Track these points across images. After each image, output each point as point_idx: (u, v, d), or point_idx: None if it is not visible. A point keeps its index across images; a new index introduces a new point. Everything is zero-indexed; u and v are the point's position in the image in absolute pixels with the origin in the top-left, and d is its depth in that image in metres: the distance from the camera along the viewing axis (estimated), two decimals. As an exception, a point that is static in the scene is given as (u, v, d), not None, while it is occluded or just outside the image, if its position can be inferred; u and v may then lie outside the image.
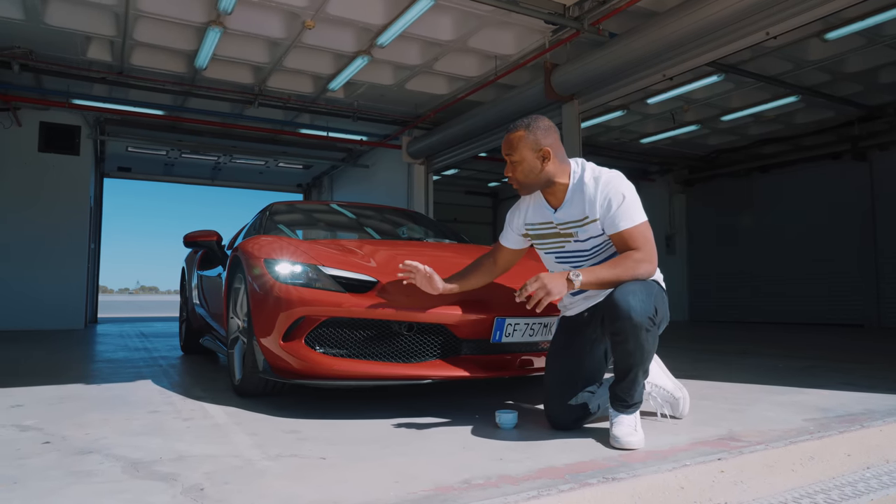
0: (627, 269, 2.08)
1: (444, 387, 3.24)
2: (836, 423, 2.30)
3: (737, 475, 1.73)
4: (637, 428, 2.05)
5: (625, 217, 2.12)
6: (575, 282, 2.03)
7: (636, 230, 2.13)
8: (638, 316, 1.98)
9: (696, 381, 3.50)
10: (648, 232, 2.16)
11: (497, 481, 1.61)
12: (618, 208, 2.13)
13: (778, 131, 9.81)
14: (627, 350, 2.03)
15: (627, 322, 1.98)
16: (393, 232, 4.30)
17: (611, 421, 2.11)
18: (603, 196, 2.16)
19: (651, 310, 2.02)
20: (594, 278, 2.06)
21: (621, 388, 2.12)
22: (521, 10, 5.64)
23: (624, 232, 2.13)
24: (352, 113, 8.86)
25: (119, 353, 5.33)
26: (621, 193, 2.15)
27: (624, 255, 2.12)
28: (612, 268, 2.09)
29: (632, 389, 2.11)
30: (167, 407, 2.74)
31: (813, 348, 5.72)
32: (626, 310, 1.98)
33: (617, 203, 2.13)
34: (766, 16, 4.71)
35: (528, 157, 2.23)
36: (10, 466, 1.78)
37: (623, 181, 2.21)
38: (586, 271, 2.06)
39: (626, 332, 2.00)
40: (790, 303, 10.37)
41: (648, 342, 2.03)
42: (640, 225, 2.14)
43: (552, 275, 2.05)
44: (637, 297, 2.00)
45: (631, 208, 2.14)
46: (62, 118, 8.78)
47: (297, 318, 2.48)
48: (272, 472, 1.72)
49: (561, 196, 2.27)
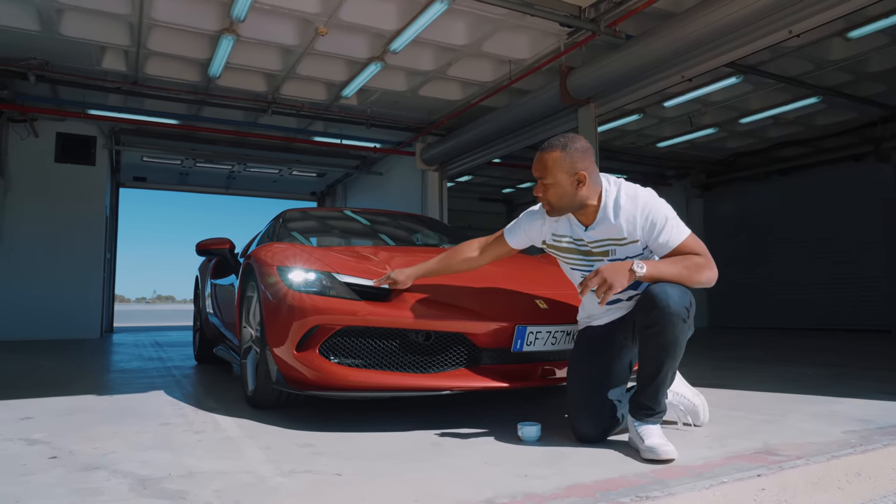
0: (691, 272, 2.01)
1: (464, 398, 3.14)
2: (878, 435, 2.17)
3: (779, 493, 1.62)
4: (666, 438, 1.96)
5: (673, 235, 2.07)
6: (638, 273, 1.94)
7: (688, 242, 2.08)
8: (676, 305, 1.92)
9: (722, 389, 3.38)
10: (700, 241, 2.12)
11: (522, 500, 1.51)
12: (662, 229, 2.07)
13: (798, 133, 9.62)
14: (660, 344, 1.96)
15: (665, 310, 1.92)
16: (408, 238, 4.23)
17: (635, 432, 2.02)
18: (644, 218, 2.09)
19: (688, 303, 1.97)
20: (657, 272, 1.98)
21: (647, 394, 2.03)
22: (536, 12, 5.56)
23: (678, 248, 2.07)
24: (365, 120, 8.83)
25: (133, 362, 5.29)
26: (664, 215, 2.09)
27: (686, 257, 2.05)
28: (675, 265, 2.01)
29: (658, 394, 2.03)
30: (178, 419, 2.67)
31: (839, 355, 5.55)
32: (664, 298, 1.93)
33: (661, 224, 2.07)
34: (789, 13, 4.60)
35: (563, 180, 2.12)
36: (15, 483, 1.71)
37: (659, 201, 2.15)
38: (650, 263, 1.98)
39: (662, 322, 1.93)
40: (812, 308, 10.14)
41: (682, 337, 1.97)
42: (690, 237, 2.10)
43: (612, 267, 1.97)
44: (675, 289, 1.97)
45: (676, 226, 2.09)
46: (78, 129, 8.83)
47: (310, 327, 2.40)
48: (285, 490, 1.63)
49: (592, 216, 2.18)
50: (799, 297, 10.35)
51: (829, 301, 9.91)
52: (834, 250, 9.88)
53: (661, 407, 2.05)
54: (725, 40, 5.06)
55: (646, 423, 2.02)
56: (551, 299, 2.60)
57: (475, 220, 13.55)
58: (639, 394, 2.06)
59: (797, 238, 10.45)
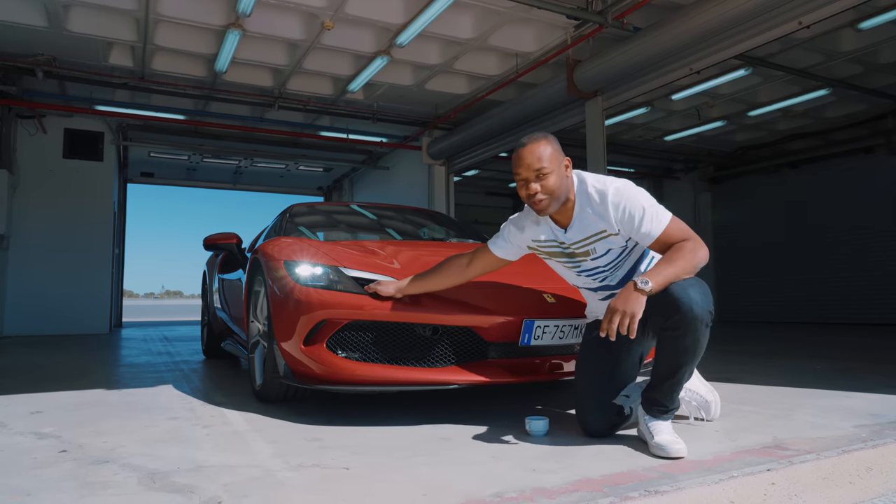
0: (688, 261, 1.97)
1: (471, 392, 3.14)
2: (889, 429, 2.15)
3: (790, 488, 1.61)
4: (676, 435, 1.95)
5: (654, 225, 2.03)
6: (646, 289, 1.88)
7: (671, 228, 2.04)
8: (700, 309, 1.90)
9: (731, 384, 3.36)
10: (682, 222, 2.08)
11: (531, 494, 1.51)
12: (642, 220, 2.03)
13: (807, 126, 9.53)
14: (682, 346, 1.94)
15: (689, 315, 1.89)
16: (414, 232, 4.22)
17: (645, 427, 2.00)
18: (618, 211, 2.06)
19: (711, 305, 1.95)
20: (663, 280, 1.93)
21: (662, 391, 2.01)
22: (543, 5, 5.52)
23: (661, 236, 2.03)
24: (371, 114, 8.82)
25: (141, 357, 5.32)
26: (640, 205, 2.04)
27: (676, 248, 2.01)
28: (672, 263, 1.97)
29: (673, 392, 2.02)
30: (187, 413, 2.68)
31: (849, 349, 5.51)
32: (688, 302, 1.90)
33: (639, 216, 2.03)
34: (798, 4, 4.55)
35: (557, 166, 2.11)
36: (25, 477, 1.72)
37: (633, 190, 2.10)
38: (652, 275, 1.91)
39: (685, 325, 1.90)
40: (823, 302, 10.08)
41: (703, 340, 1.95)
42: (672, 222, 2.05)
43: (621, 298, 1.89)
44: (697, 290, 1.93)
45: (656, 214, 2.04)
46: (86, 124, 8.87)
47: (318, 321, 2.40)
48: (293, 484, 1.64)
49: (569, 214, 2.16)
50: (809, 292, 10.29)
51: (840, 295, 9.84)
52: (845, 244, 9.80)
53: (674, 405, 2.04)
54: (734, 32, 5.02)
55: (657, 420, 2.00)
56: (559, 294, 2.59)
57: (481, 215, 13.52)
58: (653, 390, 2.05)
59: (807, 232, 10.37)
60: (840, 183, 9.90)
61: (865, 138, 9.37)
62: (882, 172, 9.34)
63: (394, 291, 2.40)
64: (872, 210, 9.47)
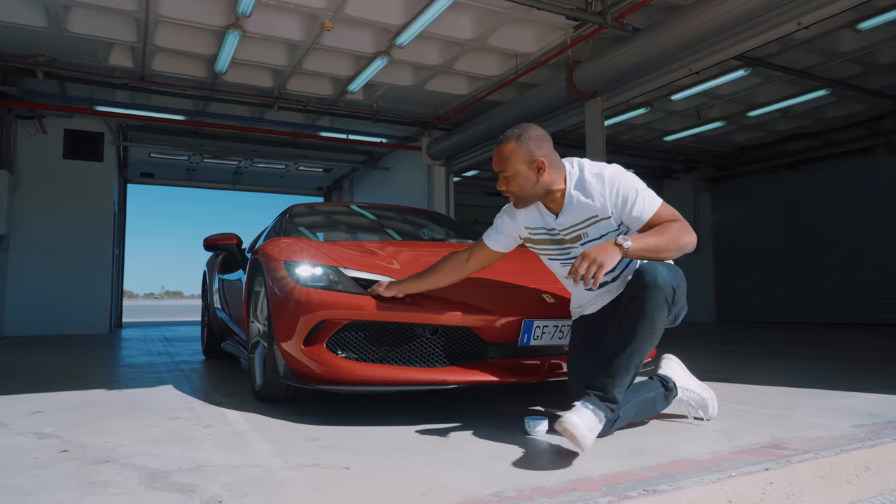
0: (674, 239, 2.00)
1: (471, 392, 3.15)
2: (888, 429, 2.16)
3: (788, 487, 1.61)
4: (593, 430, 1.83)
5: (646, 207, 2.08)
6: (624, 246, 1.91)
7: (661, 212, 2.09)
8: (663, 280, 1.93)
9: (730, 384, 3.36)
10: (672, 208, 2.12)
11: (530, 493, 1.51)
12: (634, 202, 2.08)
13: (806, 126, 9.55)
14: (638, 315, 1.94)
15: (651, 283, 1.92)
16: (414, 233, 4.23)
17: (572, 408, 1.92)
18: (613, 193, 2.10)
19: (676, 283, 1.98)
20: (643, 245, 1.95)
21: (608, 371, 1.94)
22: (542, 5, 5.53)
23: (652, 219, 2.08)
24: (371, 115, 8.83)
25: (142, 357, 5.33)
26: (633, 188, 2.09)
27: (664, 225, 2.03)
28: (658, 234, 2.00)
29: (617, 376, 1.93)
30: (187, 413, 2.69)
31: (849, 349, 5.52)
32: (653, 272, 1.94)
33: (632, 198, 2.08)
34: (798, 5, 4.57)
35: (523, 170, 2.14)
36: (26, 477, 1.73)
37: (627, 174, 2.15)
38: (635, 238, 1.96)
39: (643, 293, 1.93)
40: (822, 302, 10.09)
41: (658, 315, 1.93)
42: (662, 206, 2.10)
43: (599, 246, 1.93)
44: (666, 266, 1.99)
45: (647, 197, 2.09)
46: (86, 125, 8.88)
47: (318, 321, 2.41)
48: (293, 483, 1.64)
49: (561, 201, 2.19)
50: (808, 292, 10.30)
51: (839, 295, 9.86)
52: (844, 244, 9.81)
53: (611, 394, 1.92)
54: (733, 32, 5.03)
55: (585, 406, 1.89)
56: (558, 294, 2.60)
57: (481, 215, 13.51)
58: (600, 372, 1.98)
59: (806, 232, 10.38)
60: (839, 183, 9.91)
61: (864, 139, 9.39)
62: (881, 173, 9.36)
63: (395, 291, 2.41)
64: (871, 210, 9.48)
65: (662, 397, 2.29)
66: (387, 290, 2.41)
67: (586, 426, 1.82)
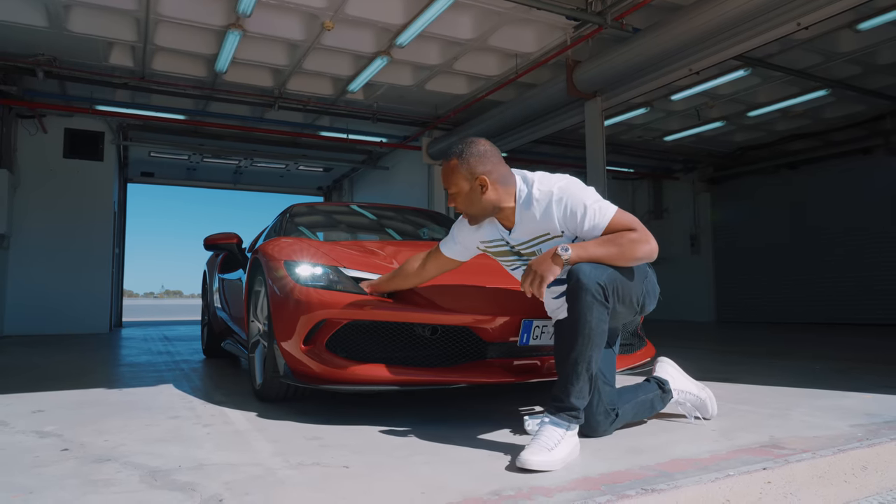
0: (624, 249, 1.91)
1: (470, 392, 3.16)
2: (885, 429, 2.17)
3: (785, 486, 1.62)
4: (558, 444, 1.76)
5: (598, 219, 1.98)
6: (563, 256, 1.86)
7: (616, 220, 1.98)
8: (586, 277, 1.84)
9: (729, 384, 3.37)
10: (630, 215, 2.02)
11: (529, 492, 1.52)
12: (584, 216, 1.98)
13: (806, 127, 9.56)
14: (568, 321, 1.88)
15: (574, 286, 1.85)
16: (414, 233, 4.24)
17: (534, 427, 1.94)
18: (561, 210, 2.02)
19: (603, 279, 1.86)
20: (583, 253, 1.89)
21: (558, 382, 1.90)
22: (542, 5, 5.54)
23: (608, 228, 1.98)
24: (371, 115, 8.84)
25: (142, 356, 5.33)
26: (581, 202, 1.99)
27: (616, 234, 1.95)
28: (604, 244, 1.91)
29: (568, 384, 1.86)
30: (188, 412, 2.70)
31: (847, 349, 5.53)
32: (576, 274, 1.86)
33: (581, 213, 1.99)
34: (797, 5, 4.58)
35: (465, 187, 2.11)
36: (28, 475, 1.74)
37: (577, 187, 2.05)
38: (576, 246, 1.89)
39: (571, 297, 1.86)
40: (821, 303, 10.10)
41: (591, 315, 1.84)
42: (617, 214, 1.99)
43: (540, 258, 1.91)
44: (591, 265, 1.88)
45: (599, 208, 1.99)
46: (86, 124, 8.88)
47: (317, 321, 2.42)
48: (293, 482, 1.65)
49: (511, 217, 2.14)
50: (808, 292, 10.31)
51: (838, 295, 9.86)
52: (844, 244, 9.82)
53: (567, 402, 1.85)
54: (733, 33, 5.04)
55: (548, 422, 1.84)
56: (557, 293, 2.60)
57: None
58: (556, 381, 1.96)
59: (806, 232, 10.39)
60: (839, 184, 9.92)
61: (864, 139, 9.40)
62: (880, 173, 9.37)
63: (366, 286, 2.45)
64: (871, 210, 9.49)
65: (660, 398, 2.31)
66: (367, 286, 2.46)
67: (543, 450, 1.73)
